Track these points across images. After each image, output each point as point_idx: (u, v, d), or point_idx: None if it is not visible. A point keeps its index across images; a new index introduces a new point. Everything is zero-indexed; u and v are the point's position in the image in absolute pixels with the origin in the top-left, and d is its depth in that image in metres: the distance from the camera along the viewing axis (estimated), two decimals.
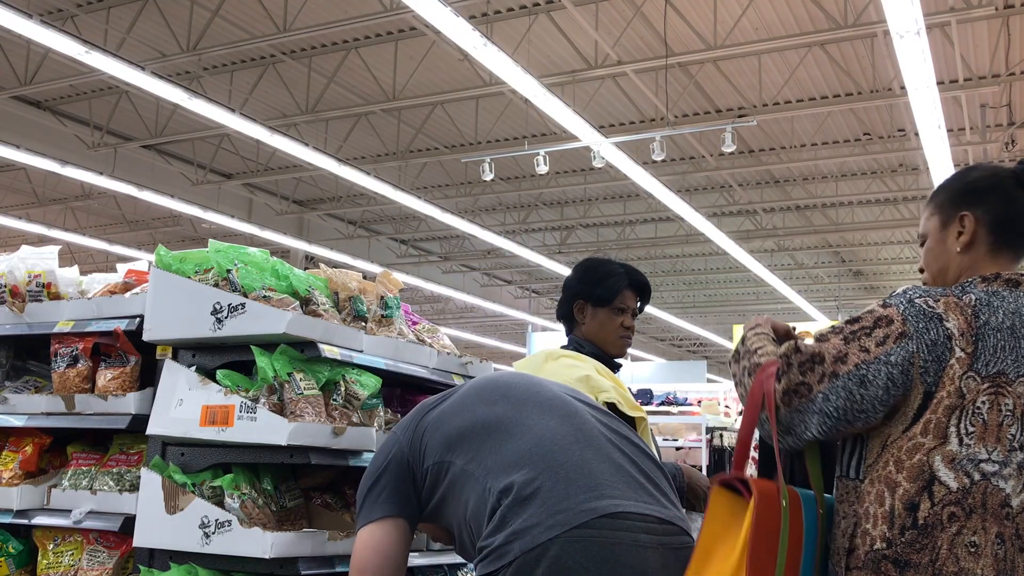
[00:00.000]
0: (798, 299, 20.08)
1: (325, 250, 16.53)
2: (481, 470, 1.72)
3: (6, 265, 2.82)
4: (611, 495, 1.64)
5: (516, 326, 25.29)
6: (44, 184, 15.14)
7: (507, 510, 1.63)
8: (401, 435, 1.90)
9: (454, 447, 1.79)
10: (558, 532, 1.58)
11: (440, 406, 1.91)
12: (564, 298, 2.59)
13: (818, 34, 9.73)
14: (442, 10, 7.32)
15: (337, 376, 2.31)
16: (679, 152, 13.63)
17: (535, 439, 1.73)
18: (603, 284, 2.51)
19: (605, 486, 1.65)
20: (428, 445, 1.84)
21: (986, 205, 1.71)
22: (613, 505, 1.62)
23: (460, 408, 1.87)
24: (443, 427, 1.84)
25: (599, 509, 1.60)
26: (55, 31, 8.11)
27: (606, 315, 2.51)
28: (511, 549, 1.59)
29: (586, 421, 1.81)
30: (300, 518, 2.29)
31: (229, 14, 10.02)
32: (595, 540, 1.58)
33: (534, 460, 1.69)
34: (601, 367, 2.41)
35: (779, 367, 1.58)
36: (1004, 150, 12.42)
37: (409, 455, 1.85)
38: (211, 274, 2.36)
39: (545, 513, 1.60)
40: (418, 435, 1.87)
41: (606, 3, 9.60)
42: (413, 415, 1.94)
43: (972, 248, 1.71)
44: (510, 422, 1.78)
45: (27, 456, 2.64)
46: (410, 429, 1.89)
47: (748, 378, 1.65)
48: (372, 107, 12.00)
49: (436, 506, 1.83)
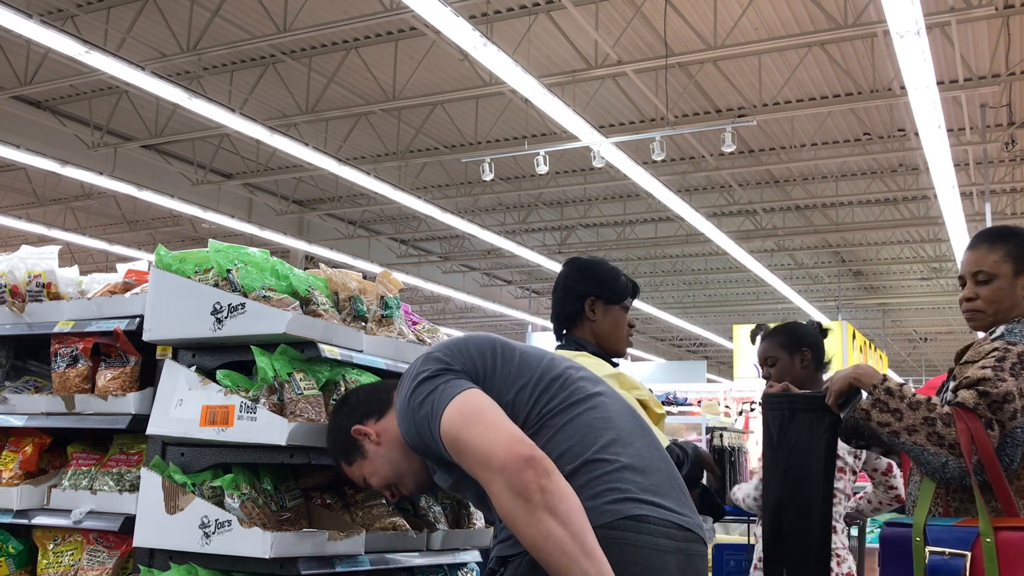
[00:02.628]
0: (798, 299, 20.08)
1: (325, 250, 16.53)
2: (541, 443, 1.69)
3: (6, 265, 2.82)
4: (639, 499, 1.65)
5: (516, 326, 25.28)
6: (44, 184, 15.14)
7: None
8: (470, 354, 1.82)
9: (531, 398, 1.75)
10: None
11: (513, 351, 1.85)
12: (570, 296, 2.54)
13: (818, 34, 9.73)
14: (442, 10, 7.32)
15: (337, 376, 2.30)
16: (679, 152, 13.63)
17: (591, 428, 1.72)
18: (616, 283, 2.53)
19: (634, 492, 1.66)
20: (501, 380, 1.78)
21: None
22: (637, 507, 1.64)
23: (524, 371, 1.81)
24: (511, 377, 1.79)
25: (623, 511, 1.62)
26: (55, 31, 8.11)
27: (619, 312, 2.53)
28: None
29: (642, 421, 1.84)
30: (300, 518, 2.28)
31: (229, 14, 10.02)
32: (616, 541, 1.59)
33: (581, 449, 1.68)
34: None
35: (984, 417, 1.89)
36: (1004, 150, 12.43)
37: (473, 372, 1.79)
38: (211, 274, 2.36)
39: None
40: (488, 363, 1.80)
41: (606, 3, 9.60)
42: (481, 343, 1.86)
43: None
44: (575, 403, 1.77)
45: (27, 456, 2.64)
46: (479, 354, 1.82)
47: (944, 427, 1.91)
48: (372, 107, 12.00)
49: None
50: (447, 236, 18.76)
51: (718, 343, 26.31)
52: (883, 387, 2.02)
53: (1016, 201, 15.66)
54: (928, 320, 25.38)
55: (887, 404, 1.99)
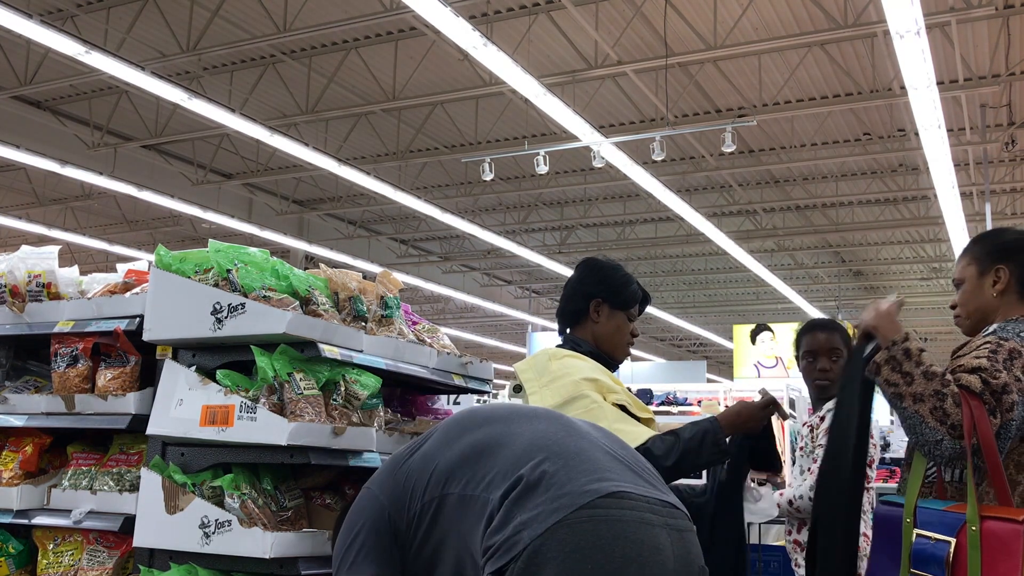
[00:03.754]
0: (798, 299, 20.08)
1: (325, 250, 16.53)
2: (480, 488, 1.68)
3: (6, 265, 2.82)
4: (611, 478, 1.64)
5: (516, 326, 25.29)
6: (44, 184, 15.14)
7: (511, 504, 1.62)
8: (377, 490, 1.82)
9: (448, 479, 1.73)
10: (564, 514, 1.57)
11: (420, 450, 1.84)
12: (577, 295, 2.53)
13: (818, 34, 9.72)
14: (442, 10, 7.32)
15: (337, 376, 2.31)
16: (679, 152, 13.63)
17: (528, 440, 1.72)
18: (627, 289, 2.52)
19: (604, 470, 1.65)
20: (416, 487, 1.77)
21: (1016, 261, 2.17)
22: (614, 486, 1.62)
23: (444, 443, 1.80)
24: (430, 465, 1.77)
25: (601, 490, 1.60)
26: (55, 31, 8.11)
27: (623, 319, 2.52)
28: (520, 539, 1.58)
29: (572, 421, 1.82)
30: (300, 518, 2.28)
31: (229, 14, 10.02)
32: (602, 518, 1.57)
33: (532, 454, 1.68)
34: (602, 368, 2.42)
35: (989, 404, 1.89)
36: (1004, 150, 12.43)
37: (390, 508, 1.78)
38: (211, 274, 2.36)
39: (549, 499, 1.60)
40: (399, 482, 1.79)
41: (606, 3, 9.60)
42: (387, 468, 1.86)
43: (1005, 294, 2.17)
44: (501, 436, 1.75)
45: (27, 456, 2.64)
46: (388, 481, 1.82)
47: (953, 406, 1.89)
48: (372, 107, 12.00)
49: (429, 557, 1.75)
50: (447, 236, 18.76)
51: (718, 343, 26.31)
52: (902, 346, 1.97)
53: (1016, 201, 15.66)
54: (928, 320, 25.37)
55: (901, 365, 1.95)
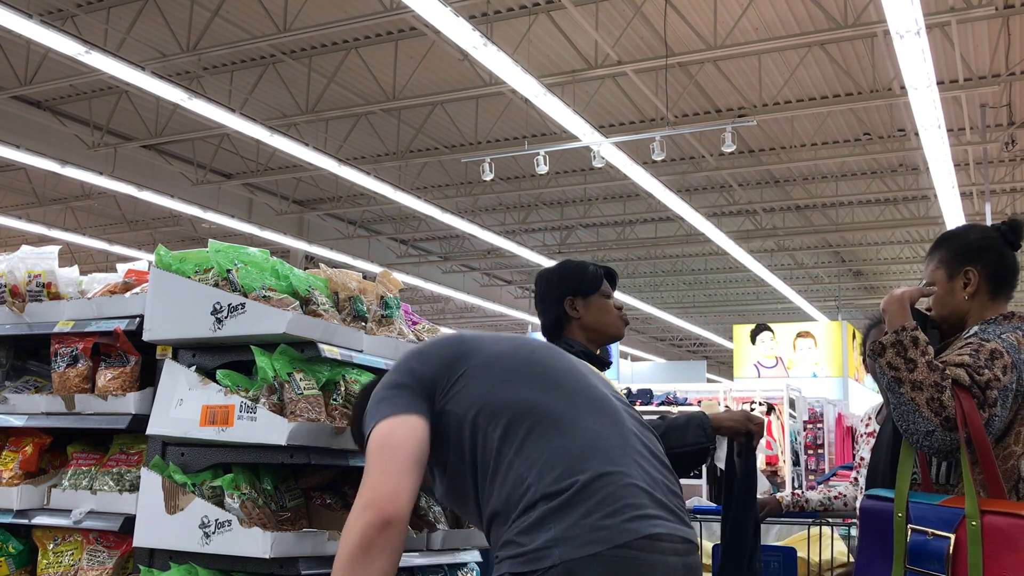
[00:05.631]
0: (798, 299, 20.08)
1: (325, 250, 16.53)
2: (523, 461, 1.69)
3: (6, 265, 2.82)
4: (649, 515, 1.67)
5: (516, 326, 25.28)
6: (44, 184, 15.14)
7: (548, 512, 1.63)
8: (435, 360, 1.83)
9: (496, 419, 1.74)
10: (601, 548, 1.60)
11: (485, 351, 1.84)
12: (550, 303, 2.56)
13: (818, 34, 9.73)
14: (442, 10, 7.32)
15: (337, 376, 2.30)
16: (679, 152, 13.63)
17: (585, 443, 1.72)
18: (585, 275, 2.57)
19: (644, 506, 1.68)
20: (464, 392, 1.78)
21: (983, 261, 2.16)
22: (652, 526, 1.66)
23: (510, 375, 1.80)
24: (487, 385, 1.78)
25: (640, 531, 1.64)
26: (55, 31, 8.11)
27: (599, 300, 2.56)
28: (550, 555, 1.60)
29: (630, 431, 1.81)
30: (300, 518, 2.28)
31: (229, 14, 10.02)
32: (636, 561, 1.62)
33: (583, 465, 1.68)
34: (593, 369, 2.42)
35: (977, 398, 1.88)
36: (1004, 150, 12.43)
37: (434, 384, 1.79)
38: (211, 274, 2.36)
39: (589, 526, 1.61)
40: (455, 372, 1.81)
41: (606, 3, 9.61)
42: (451, 344, 1.86)
43: (976, 296, 2.15)
44: (561, 417, 1.75)
45: (27, 456, 2.64)
46: (447, 360, 1.83)
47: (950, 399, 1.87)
48: (372, 107, 12.00)
49: (440, 453, 1.78)
50: (447, 236, 18.76)
51: (718, 343, 26.32)
52: (912, 333, 1.96)
53: (1016, 201, 15.66)
54: None
55: (907, 351, 1.92)
